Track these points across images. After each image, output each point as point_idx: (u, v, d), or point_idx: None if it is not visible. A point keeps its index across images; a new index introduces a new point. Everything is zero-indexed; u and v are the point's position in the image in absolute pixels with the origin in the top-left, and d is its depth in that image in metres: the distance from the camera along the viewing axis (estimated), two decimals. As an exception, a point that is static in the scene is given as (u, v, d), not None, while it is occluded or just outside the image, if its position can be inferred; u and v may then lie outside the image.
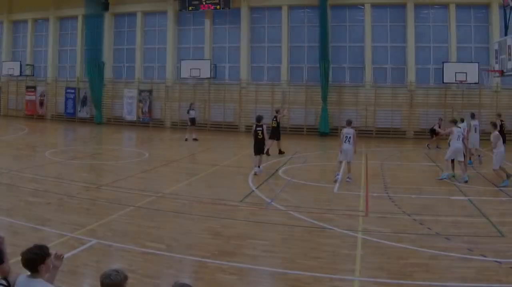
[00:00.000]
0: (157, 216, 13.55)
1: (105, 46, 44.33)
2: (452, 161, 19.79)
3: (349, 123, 19.65)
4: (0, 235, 6.10)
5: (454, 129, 19.74)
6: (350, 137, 18.91)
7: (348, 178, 18.79)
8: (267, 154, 24.72)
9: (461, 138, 19.45)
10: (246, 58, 40.40)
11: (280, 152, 26.47)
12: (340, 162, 19.19)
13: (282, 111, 28.62)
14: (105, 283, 5.00)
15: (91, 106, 44.91)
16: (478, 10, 36.84)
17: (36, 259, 5.39)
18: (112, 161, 23.73)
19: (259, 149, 21.01)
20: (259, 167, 20.77)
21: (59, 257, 5.89)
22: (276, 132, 26.62)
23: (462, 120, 24.56)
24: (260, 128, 21.10)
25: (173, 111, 42.10)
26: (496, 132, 18.94)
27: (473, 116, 25.35)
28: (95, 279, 8.38)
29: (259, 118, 21.52)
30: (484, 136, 32.51)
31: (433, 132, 28.49)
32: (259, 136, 21.06)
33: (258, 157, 20.90)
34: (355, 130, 20.08)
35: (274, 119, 27.13)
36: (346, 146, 18.87)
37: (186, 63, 40.39)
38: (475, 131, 24.16)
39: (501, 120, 25.10)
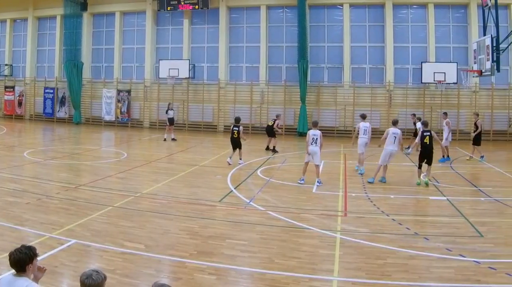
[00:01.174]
0: (136, 216, 13.54)
1: (83, 46, 44.22)
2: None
3: (315, 124, 19.40)
4: None
5: (361, 124, 20.60)
6: (317, 138, 18.61)
7: (317, 181, 18.45)
8: (274, 150, 27.28)
9: (367, 133, 20.43)
10: (224, 58, 40.60)
11: (268, 149, 28.00)
12: (306, 163, 18.88)
13: (279, 120, 29.28)
14: (87, 283, 5.01)
15: (69, 106, 44.86)
16: (457, 10, 37.10)
17: (25, 258, 5.50)
18: (90, 161, 23.60)
19: (234, 145, 22.99)
20: (240, 159, 22.86)
21: (42, 270, 5.97)
22: (271, 131, 27.99)
23: (419, 119, 25.42)
24: (236, 129, 22.81)
25: (152, 111, 42.27)
26: (388, 129, 19.05)
27: (445, 114, 25.68)
28: (73, 279, 8.68)
29: (237, 119, 23.54)
30: (464, 136, 33.23)
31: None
32: (234, 135, 22.86)
33: (236, 151, 22.95)
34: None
35: (273, 121, 28.48)
36: (313, 148, 18.52)
37: (164, 63, 40.50)
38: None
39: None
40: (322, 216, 13.97)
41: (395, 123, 19.65)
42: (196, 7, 40.42)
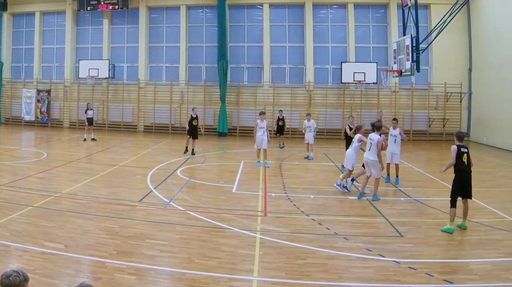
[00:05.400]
0: (56, 216, 12.39)
1: (3, 46, 39.73)
2: None
3: (359, 129, 15.96)
4: None
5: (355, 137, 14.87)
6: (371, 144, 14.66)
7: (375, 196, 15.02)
8: (192, 153, 23.93)
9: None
10: (144, 58, 36.96)
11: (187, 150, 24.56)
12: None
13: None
14: (5, 283, 4.50)
15: (-11, 106, 40.61)
16: (377, 10, 35.02)
17: None
18: (10, 161, 21.37)
19: None
20: None
21: None
22: (194, 131, 24.49)
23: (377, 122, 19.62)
24: None
25: (72, 111, 38.26)
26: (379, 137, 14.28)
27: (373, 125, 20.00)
28: (-6, 280, 8.27)
29: None
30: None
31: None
32: None
33: None
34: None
35: (195, 118, 24.74)
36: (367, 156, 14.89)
37: (84, 63, 36.76)
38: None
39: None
40: (242, 216, 13.02)
41: (378, 128, 14.54)
42: (116, 7, 36.67)
